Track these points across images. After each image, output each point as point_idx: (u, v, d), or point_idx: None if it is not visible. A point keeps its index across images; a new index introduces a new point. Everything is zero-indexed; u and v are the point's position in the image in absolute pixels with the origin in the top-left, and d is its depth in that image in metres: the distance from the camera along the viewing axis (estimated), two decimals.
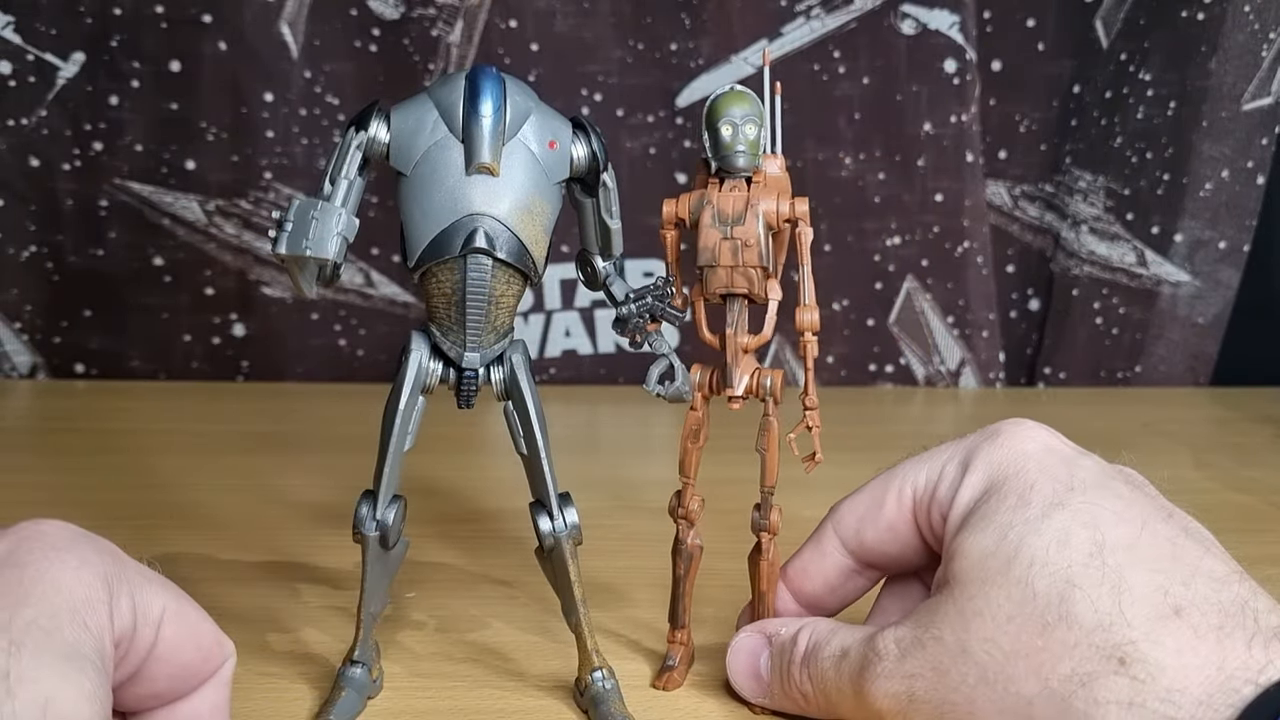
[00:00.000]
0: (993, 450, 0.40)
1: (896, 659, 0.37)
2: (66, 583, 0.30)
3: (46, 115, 0.90)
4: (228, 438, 0.82)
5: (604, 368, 0.97)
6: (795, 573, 0.45)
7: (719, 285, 0.43)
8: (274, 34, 0.89)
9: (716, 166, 0.43)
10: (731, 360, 0.43)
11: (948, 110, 0.91)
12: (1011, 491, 0.38)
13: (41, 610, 0.29)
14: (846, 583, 0.45)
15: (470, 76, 0.40)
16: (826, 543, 0.44)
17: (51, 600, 0.29)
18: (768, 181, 0.44)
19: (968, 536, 0.38)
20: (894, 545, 0.43)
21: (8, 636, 0.28)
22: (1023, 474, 0.39)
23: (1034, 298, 1.00)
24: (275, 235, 0.39)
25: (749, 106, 0.42)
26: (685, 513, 0.46)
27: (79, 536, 0.32)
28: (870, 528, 0.43)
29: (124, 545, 0.58)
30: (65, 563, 0.30)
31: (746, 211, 0.42)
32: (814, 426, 0.43)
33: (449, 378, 0.42)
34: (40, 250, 0.93)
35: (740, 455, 0.47)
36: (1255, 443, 0.82)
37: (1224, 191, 0.93)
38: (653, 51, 0.90)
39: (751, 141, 0.42)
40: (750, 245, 0.42)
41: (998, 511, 0.38)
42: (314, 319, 0.95)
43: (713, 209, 0.43)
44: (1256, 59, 0.90)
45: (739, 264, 0.42)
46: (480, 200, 0.40)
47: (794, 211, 0.43)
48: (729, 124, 0.42)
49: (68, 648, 0.29)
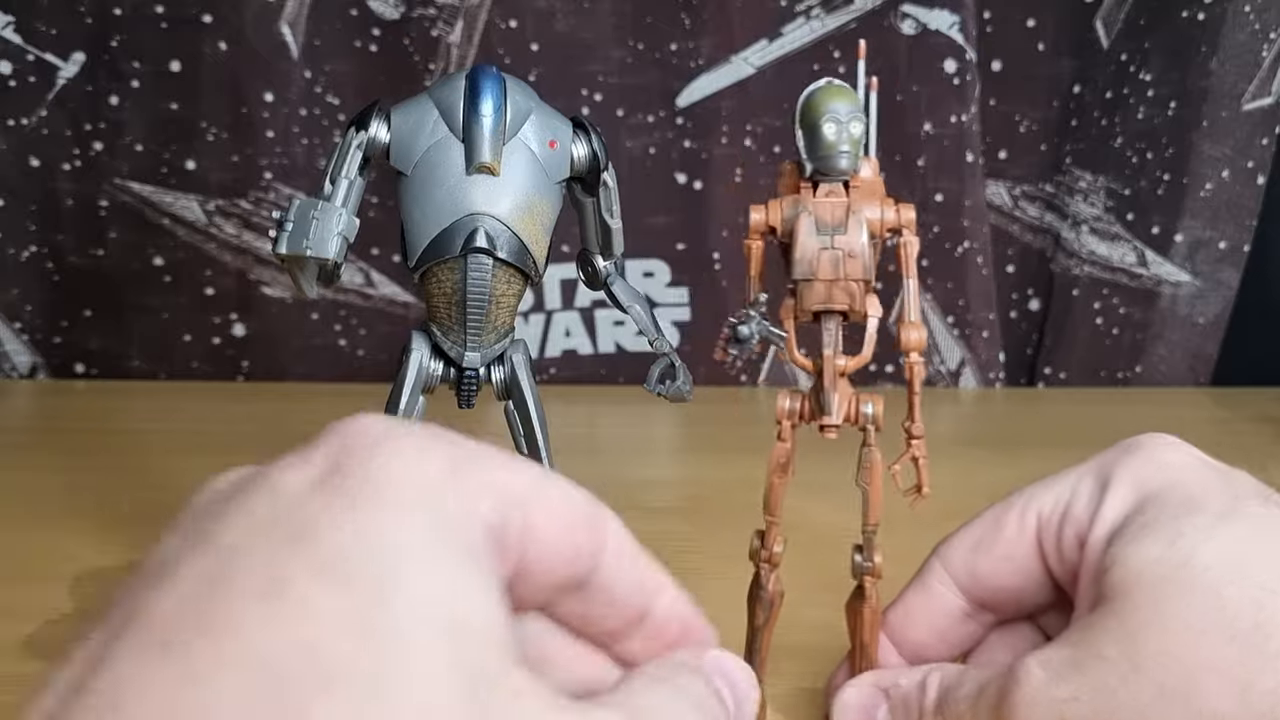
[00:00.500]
0: (1136, 464, 0.37)
1: (1045, 683, 0.33)
2: (417, 480, 0.25)
3: (46, 115, 0.90)
4: (228, 438, 0.82)
5: (604, 368, 0.97)
6: (898, 619, 0.41)
7: (816, 301, 0.38)
8: (274, 34, 0.89)
9: (812, 169, 0.39)
10: (829, 385, 0.39)
11: (948, 110, 0.91)
12: (1173, 501, 0.35)
13: (409, 516, 0.24)
14: (957, 628, 0.40)
15: (470, 76, 0.40)
16: (934, 581, 0.40)
17: (410, 504, 0.24)
18: (864, 185, 0.39)
19: (1125, 546, 0.34)
20: (1013, 577, 0.39)
21: (380, 548, 0.23)
22: (1179, 485, 0.36)
23: (1034, 298, 0.99)
24: (276, 235, 0.39)
25: (853, 102, 0.38)
26: (769, 555, 0.42)
27: (402, 424, 0.27)
28: (985, 558, 0.39)
29: (126, 544, 0.58)
30: (404, 456, 0.25)
31: (849, 219, 0.38)
32: (921, 458, 0.40)
33: (449, 377, 0.42)
34: (40, 250, 0.93)
35: None
36: (1256, 443, 0.82)
37: (1224, 191, 0.93)
38: (653, 51, 0.90)
39: (856, 140, 0.38)
40: (854, 256, 0.38)
41: (1159, 520, 0.34)
42: (314, 319, 0.95)
43: (811, 217, 0.38)
44: (1257, 59, 0.90)
45: (840, 277, 0.38)
46: (481, 200, 0.40)
47: (900, 218, 0.39)
48: (833, 121, 0.38)
49: (454, 552, 0.24)
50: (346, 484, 0.24)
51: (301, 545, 0.23)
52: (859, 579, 0.41)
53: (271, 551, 0.23)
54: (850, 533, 0.41)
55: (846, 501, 0.42)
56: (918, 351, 0.39)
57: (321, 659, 0.21)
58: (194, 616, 0.22)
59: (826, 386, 0.39)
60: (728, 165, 0.92)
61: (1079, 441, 0.42)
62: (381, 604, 0.22)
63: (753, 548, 0.42)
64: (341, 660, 0.21)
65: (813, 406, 0.39)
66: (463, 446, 0.27)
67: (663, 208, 0.93)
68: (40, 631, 0.51)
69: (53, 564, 0.58)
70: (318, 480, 0.25)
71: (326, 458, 0.25)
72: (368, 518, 0.23)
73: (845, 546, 0.42)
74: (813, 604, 0.43)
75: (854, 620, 0.41)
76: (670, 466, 0.81)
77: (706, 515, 0.64)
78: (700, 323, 0.95)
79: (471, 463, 0.26)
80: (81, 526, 0.63)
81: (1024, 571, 0.38)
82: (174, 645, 0.21)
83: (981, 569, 0.39)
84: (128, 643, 0.22)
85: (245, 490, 0.25)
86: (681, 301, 0.95)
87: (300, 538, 0.23)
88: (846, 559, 0.41)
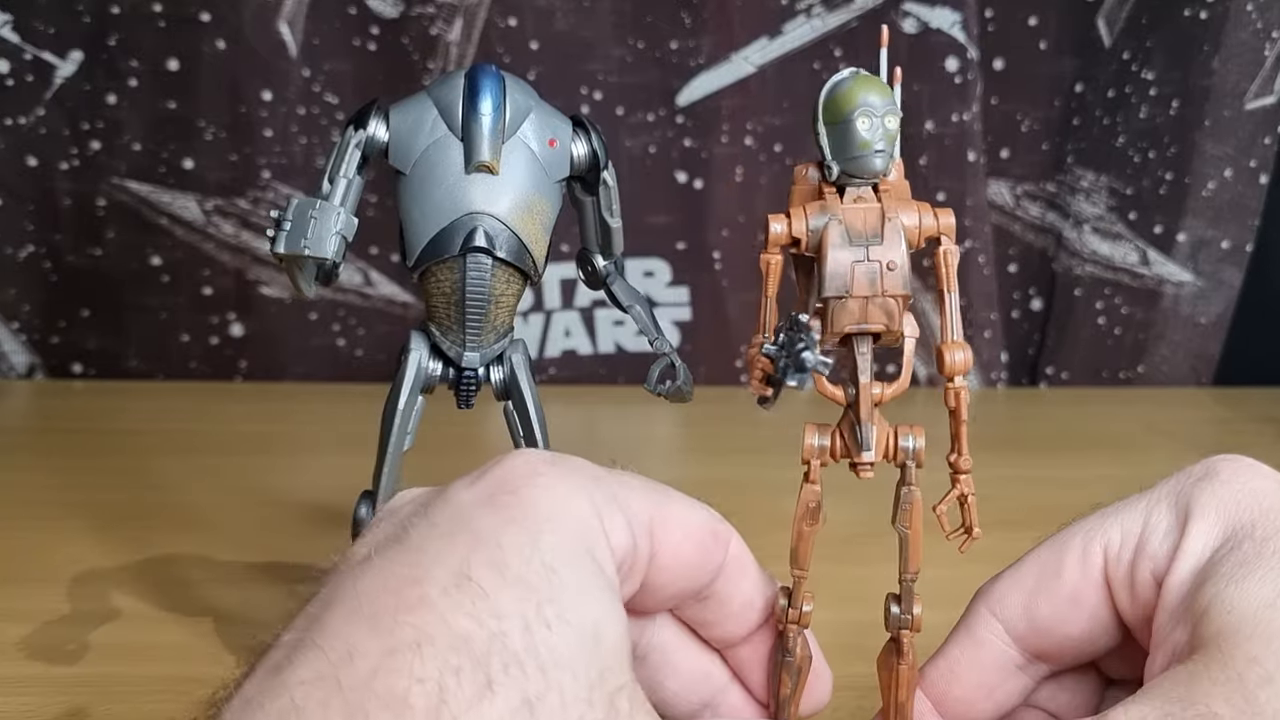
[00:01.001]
0: (1220, 491, 0.33)
1: None
2: (565, 509, 0.29)
3: (44, 114, 0.90)
4: (226, 438, 0.82)
5: (604, 368, 0.97)
6: (939, 674, 0.36)
7: (850, 321, 0.34)
8: (273, 33, 0.88)
9: (838, 171, 0.34)
10: (866, 417, 0.34)
11: (949, 109, 0.91)
12: (1274, 534, 0.32)
13: (560, 537, 0.28)
14: (1006, 682, 0.36)
15: (469, 75, 0.40)
16: (981, 630, 0.36)
17: (560, 527, 0.29)
18: (893, 189, 0.35)
19: (1227, 587, 0.30)
20: (1078, 622, 0.34)
21: (539, 560, 0.27)
22: (1274, 515, 0.32)
23: (1036, 297, 0.99)
24: (274, 235, 0.39)
25: (887, 94, 0.33)
26: (798, 616, 0.36)
27: (553, 460, 0.31)
28: (1045, 602, 0.34)
29: (124, 545, 0.58)
30: (554, 489, 0.29)
31: (885, 227, 0.33)
32: (968, 495, 0.35)
33: (449, 377, 0.42)
34: (38, 250, 0.93)
35: None
36: (1258, 443, 0.82)
37: (1227, 191, 0.93)
38: (653, 50, 0.90)
39: (893, 138, 0.33)
40: (894, 269, 0.33)
41: (1260, 558, 0.31)
42: (313, 319, 0.95)
43: (842, 225, 0.34)
44: (1259, 58, 0.90)
45: (878, 293, 0.33)
46: (480, 199, 0.39)
47: (940, 226, 0.34)
48: (867, 115, 0.33)
49: (593, 573, 0.28)
50: (510, 508, 0.29)
51: (478, 550, 0.27)
52: (894, 634, 0.36)
53: (454, 552, 0.27)
54: (883, 581, 0.37)
55: (875, 543, 0.38)
56: (962, 375, 0.34)
57: (507, 643, 0.26)
58: (395, 598, 0.26)
59: (864, 419, 0.34)
60: (728, 164, 0.92)
61: (1081, 442, 0.42)
62: (544, 604, 0.27)
63: (778, 608, 0.36)
64: (517, 649, 0.26)
65: (845, 442, 0.35)
66: (602, 481, 0.31)
67: (663, 207, 0.92)
68: (38, 632, 0.51)
69: (50, 564, 0.58)
70: (485, 500, 0.29)
71: (491, 484, 0.29)
72: (528, 536, 0.28)
73: (874, 596, 0.37)
74: (838, 659, 0.38)
75: (888, 678, 0.36)
76: (670, 466, 0.81)
77: None
78: (700, 323, 0.95)
79: (609, 497, 0.30)
80: (79, 526, 0.63)
81: (1091, 614, 0.34)
82: (381, 619, 0.25)
83: (1041, 615, 0.35)
84: (339, 612, 0.26)
85: (429, 504, 0.30)
86: (682, 301, 0.95)
87: (476, 544, 0.27)
88: (876, 609, 0.37)
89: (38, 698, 0.46)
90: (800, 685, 0.37)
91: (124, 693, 0.46)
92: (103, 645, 0.50)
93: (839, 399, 0.35)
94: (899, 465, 0.35)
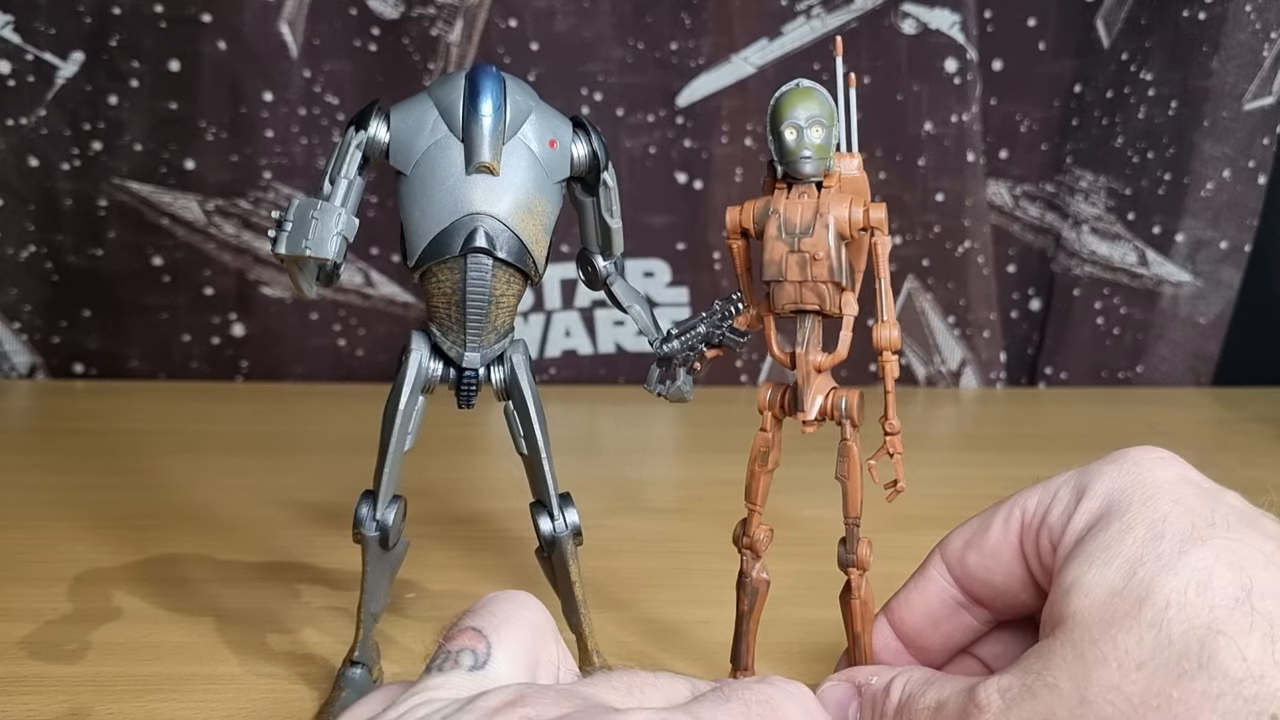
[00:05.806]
0: (1115, 474, 0.37)
1: (1000, 710, 0.33)
2: None
3: (46, 115, 0.90)
4: (227, 438, 0.82)
5: (604, 368, 0.97)
6: (898, 603, 0.42)
7: (786, 301, 0.39)
8: (273, 33, 0.89)
9: (782, 171, 0.39)
10: (803, 381, 0.40)
11: (949, 110, 0.91)
12: (1139, 522, 0.34)
13: None
14: (952, 617, 0.41)
15: (470, 76, 0.40)
16: (931, 569, 0.41)
17: None
18: (842, 184, 0.40)
19: (1088, 570, 0.34)
20: (997, 574, 0.39)
21: None
22: (1152, 503, 0.35)
23: (1035, 297, 0.99)
24: (275, 235, 0.39)
25: (815, 106, 0.38)
26: (750, 543, 0.43)
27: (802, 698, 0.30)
28: (974, 552, 0.40)
29: (124, 545, 0.58)
30: None
31: (816, 221, 0.39)
32: (895, 453, 0.40)
33: (449, 377, 0.42)
34: (39, 250, 0.93)
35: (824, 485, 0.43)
36: (1257, 443, 0.82)
37: (1225, 191, 0.93)
38: (653, 51, 0.90)
39: (819, 145, 0.38)
40: (820, 259, 0.38)
41: (1123, 543, 0.34)
42: (313, 319, 0.95)
43: (779, 218, 0.39)
44: (1258, 58, 0.90)
45: (808, 279, 0.39)
46: (480, 199, 0.40)
47: (869, 219, 0.39)
48: (792, 127, 0.38)
49: None
50: None
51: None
52: (845, 572, 0.42)
53: None
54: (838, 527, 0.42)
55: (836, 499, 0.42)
56: (891, 349, 0.39)
57: None
58: None
59: (801, 382, 0.40)
60: (728, 165, 0.92)
61: (1080, 441, 0.42)
62: None
63: (735, 535, 0.43)
64: None
65: (791, 400, 0.41)
66: None
67: (663, 207, 0.93)
68: (39, 632, 0.51)
69: (50, 564, 0.58)
70: None
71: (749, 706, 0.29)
72: None
73: (834, 544, 0.42)
74: (804, 603, 0.44)
75: (847, 613, 0.42)
76: (669, 466, 0.81)
77: (705, 515, 0.64)
78: None
79: None
80: (79, 526, 0.63)
81: (1007, 569, 0.39)
82: None
83: (970, 563, 0.40)
84: None
85: None
86: (681, 301, 0.95)
87: None
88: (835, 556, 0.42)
89: (39, 697, 0.46)
90: (757, 606, 0.43)
91: (125, 692, 0.47)
92: (104, 644, 0.50)
93: (786, 363, 0.40)
94: (838, 422, 0.40)
